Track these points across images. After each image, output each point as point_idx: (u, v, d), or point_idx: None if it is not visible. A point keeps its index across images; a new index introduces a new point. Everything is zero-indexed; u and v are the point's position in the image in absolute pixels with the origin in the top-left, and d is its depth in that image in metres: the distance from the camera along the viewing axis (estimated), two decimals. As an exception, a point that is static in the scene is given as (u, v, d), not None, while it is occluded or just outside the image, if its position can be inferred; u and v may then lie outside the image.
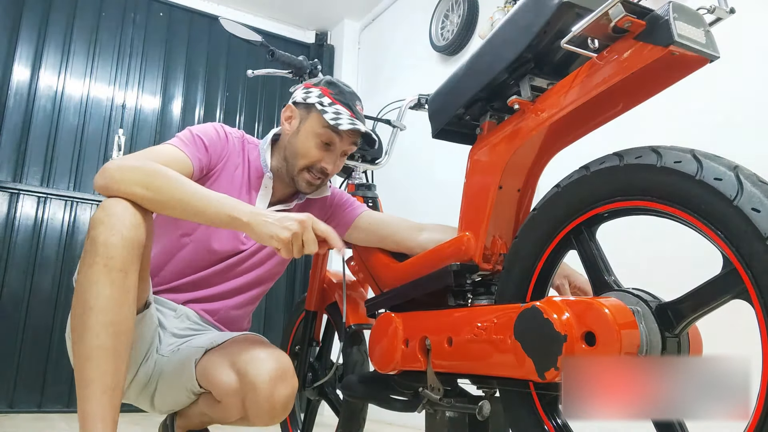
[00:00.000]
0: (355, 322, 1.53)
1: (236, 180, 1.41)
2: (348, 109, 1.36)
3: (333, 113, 1.34)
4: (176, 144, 1.30)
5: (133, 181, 1.11)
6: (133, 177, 1.12)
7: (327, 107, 1.35)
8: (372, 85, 3.95)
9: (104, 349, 1.05)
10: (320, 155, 1.37)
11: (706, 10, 0.85)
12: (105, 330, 1.06)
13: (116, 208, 1.10)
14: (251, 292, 1.49)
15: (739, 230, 0.73)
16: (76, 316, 1.08)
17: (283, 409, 1.24)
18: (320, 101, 1.36)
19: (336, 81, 1.42)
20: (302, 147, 1.38)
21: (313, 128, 1.37)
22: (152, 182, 1.12)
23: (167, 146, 1.29)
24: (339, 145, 1.38)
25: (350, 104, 1.37)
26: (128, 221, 1.10)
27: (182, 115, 3.78)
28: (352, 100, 1.39)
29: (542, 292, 1.00)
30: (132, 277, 1.10)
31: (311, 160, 1.37)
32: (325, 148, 1.37)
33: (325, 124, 1.35)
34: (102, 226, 1.08)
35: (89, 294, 1.06)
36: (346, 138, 1.38)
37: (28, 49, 3.39)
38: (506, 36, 1.04)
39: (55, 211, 3.31)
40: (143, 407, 1.42)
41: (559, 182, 0.97)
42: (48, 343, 3.15)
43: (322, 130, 1.36)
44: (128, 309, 1.09)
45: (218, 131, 1.41)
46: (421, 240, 1.39)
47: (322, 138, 1.36)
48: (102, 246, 1.07)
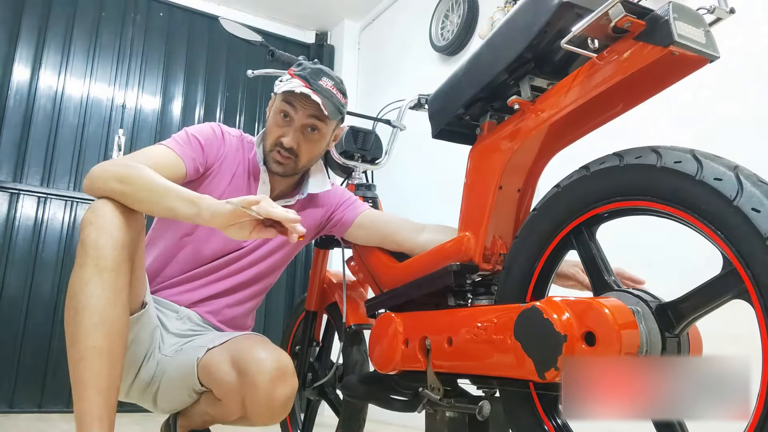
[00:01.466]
0: (355, 322, 1.53)
1: (236, 178, 1.41)
2: (304, 81, 1.34)
3: (287, 84, 1.34)
4: (169, 144, 1.31)
5: (109, 177, 1.13)
6: (110, 174, 1.14)
7: (285, 82, 1.36)
8: (372, 85, 3.95)
9: (98, 349, 1.05)
10: (280, 131, 1.38)
11: (706, 10, 0.85)
12: (97, 330, 1.06)
13: (104, 209, 1.11)
14: (252, 288, 1.49)
15: (739, 230, 0.73)
16: (69, 317, 1.08)
17: (282, 409, 1.25)
18: (281, 78, 1.38)
19: (306, 62, 1.44)
20: (268, 126, 1.41)
21: (276, 105, 1.39)
22: (126, 177, 1.13)
23: (159, 147, 1.31)
24: (296, 118, 1.36)
25: (308, 77, 1.35)
26: (117, 221, 1.10)
27: (182, 115, 3.78)
28: (314, 74, 1.36)
29: (542, 292, 1.00)
30: (123, 277, 1.10)
31: (274, 137, 1.38)
32: (285, 122, 1.38)
33: (282, 98, 1.36)
34: (91, 227, 1.09)
35: (81, 295, 1.07)
36: (301, 109, 1.36)
37: (28, 49, 3.39)
38: (506, 36, 1.04)
39: (55, 211, 3.31)
40: (146, 407, 1.42)
41: (559, 182, 0.97)
42: (48, 343, 3.15)
43: (279, 104, 1.37)
44: (121, 309, 1.10)
45: (215, 130, 1.42)
46: (422, 240, 1.39)
47: (279, 113, 1.37)
48: (92, 247, 1.08)
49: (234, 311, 1.48)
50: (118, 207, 1.12)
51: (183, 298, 1.41)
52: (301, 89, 1.32)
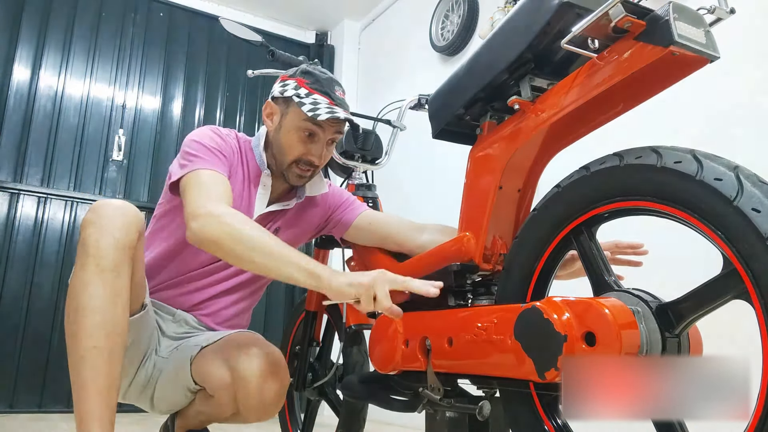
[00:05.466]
0: (355, 322, 1.53)
1: (237, 181, 1.40)
2: (326, 96, 1.33)
3: (310, 104, 1.31)
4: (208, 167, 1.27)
5: (223, 234, 1.11)
6: (225, 230, 1.12)
7: (304, 99, 1.32)
8: (372, 85, 3.95)
9: (98, 350, 1.06)
10: (305, 148, 1.35)
11: (706, 11, 0.85)
12: (98, 330, 1.06)
13: (106, 210, 1.10)
14: (249, 288, 1.49)
15: (739, 230, 0.73)
16: (70, 317, 1.08)
17: (273, 405, 1.25)
18: (297, 93, 1.33)
19: (312, 69, 1.39)
20: (286, 143, 1.36)
21: (294, 122, 1.34)
22: (241, 238, 1.11)
23: (208, 173, 1.26)
24: (322, 135, 1.36)
25: (328, 91, 1.34)
26: (119, 222, 1.10)
27: (182, 115, 3.78)
28: (330, 86, 1.35)
29: (542, 292, 1.00)
30: (124, 278, 1.10)
31: (297, 155, 1.36)
32: (309, 140, 1.35)
33: (304, 117, 1.32)
34: (92, 227, 1.09)
35: (82, 295, 1.07)
36: (329, 127, 1.35)
37: (28, 49, 3.39)
38: (506, 36, 1.04)
39: (55, 211, 3.31)
40: (144, 408, 1.42)
41: (559, 182, 0.97)
42: (48, 343, 3.15)
43: (303, 123, 1.33)
44: (121, 309, 1.10)
45: (221, 137, 1.38)
46: (422, 241, 1.39)
47: (304, 131, 1.34)
48: (93, 247, 1.07)
49: (230, 312, 1.47)
50: (119, 207, 1.11)
51: (180, 300, 1.41)
52: (328, 115, 1.29)
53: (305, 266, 1.10)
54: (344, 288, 1.07)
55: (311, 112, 1.29)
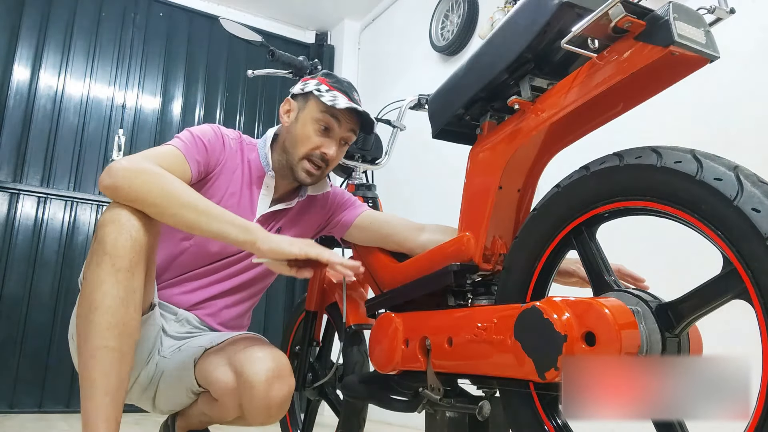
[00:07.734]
0: (355, 322, 1.52)
1: (235, 181, 1.40)
2: (345, 95, 1.37)
3: (330, 96, 1.35)
4: (177, 146, 1.29)
5: (143, 190, 1.11)
6: (142, 186, 1.11)
7: (324, 93, 1.36)
8: (372, 85, 3.95)
9: (109, 350, 1.05)
10: (320, 141, 1.37)
11: (706, 10, 0.85)
12: (110, 330, 1.06)
13: (125, 209, 1.11)
14: (251, 289, 1.49)
15: (739, 230, 0.73)
16: (82, 315, 1.08)
17: (279, 409, 1.25)
18: (317, 88, 1.37)
19: (333, 73, 1.44)
20: (302, 134, 1.37)
21: (312, 114, 1.37)
22: (161, 194, 1.12)
23: (169, 148, 1.28)
24: (338, 131, 1.38)
25: (347, 92, 1.38)
26: (137, 222, 1.10)
27: (182, 115, 3.78)
28: (350, 89, 1.40)
29: (542, 292, 1.00)
30: (138, 278, 1.10)
31: (311, 146, 1.37)
32: (324, 133, 1.37)
33: (323, 108, 1.35)
34: (111, 226, 1.08)
35: (96, 293, 1.06)
36: (345, 123, 1.38)
37: (28, 49, 3.39)
38: (506, 36, 1.04)
39: (55, 211, 3.31)
40: (145, 407, 1.42)
41: (559, 182, 0.97)
42: (48, 343, 3.15)
43: (320, 115, 1.36)
44: (134, 310, 1.10)
45: (216, 132, 1.39)
46: (422, 240, 1.39)
47: (320, 123, 1.37)
48: (110, 246, 1.07)
49: (232, 312, 1.47)
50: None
51: (183, 299, 1.41)
52: (346, 104, 1.34)
53: (240, 223, 1.14)
54: (284, 245, 1.13)
55: (330, 102, 1.34)
